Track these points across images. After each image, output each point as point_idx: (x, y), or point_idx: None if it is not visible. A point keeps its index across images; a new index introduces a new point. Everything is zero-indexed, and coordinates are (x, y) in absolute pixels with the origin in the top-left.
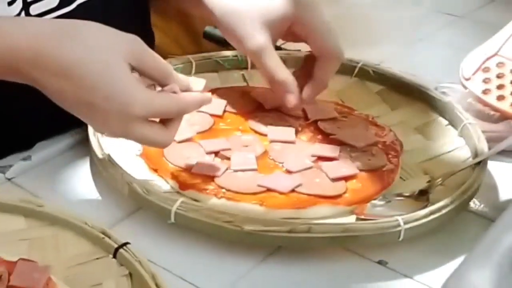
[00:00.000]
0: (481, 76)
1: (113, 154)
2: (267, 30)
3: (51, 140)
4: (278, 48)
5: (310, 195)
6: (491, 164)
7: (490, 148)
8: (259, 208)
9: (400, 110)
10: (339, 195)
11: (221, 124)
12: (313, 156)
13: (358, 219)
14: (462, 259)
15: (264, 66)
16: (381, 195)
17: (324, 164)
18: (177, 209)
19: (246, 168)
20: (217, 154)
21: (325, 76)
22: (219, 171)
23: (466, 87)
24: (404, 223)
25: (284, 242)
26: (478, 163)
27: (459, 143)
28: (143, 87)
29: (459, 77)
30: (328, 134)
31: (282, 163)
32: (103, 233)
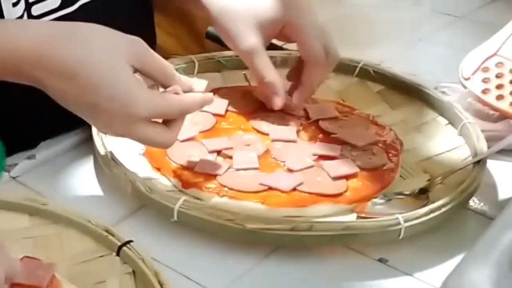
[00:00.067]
0: (480, 76)
1: (116, 153)
2: (259, 32)
3: (55, 139)
4: (279, 48)
5: (311, 194)
6: (490, 163)
7: (489, 147)
8: (261, 206)
9: (400, 110)
10: (340, 194)
11: (223, 124)
12: (314, 155)
13: (359, 217)
14: (462, 257)
15: (254, 67)
16: (381, 193)
17: (325, 163)
18: (179, 207)
19: (248, 167)
20: (219, 153)
21: (311, 82)
22: (221, 169)
23: (465, 87)
24: (404, 221)
25: (285, 240)
26: (478, 162)
27: (458, 142)
28: (146, 88)
29: (458, 77)
30: (329, 133)
31: (284, 162)
32: (106, 231)
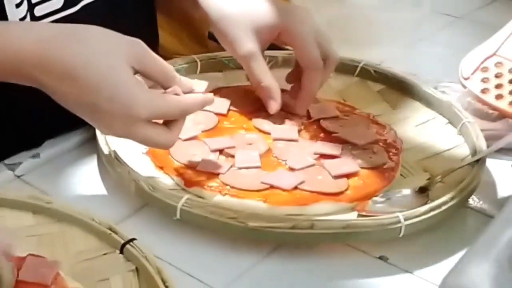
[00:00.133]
0: (480, 75)
1: (120, 152)
2: (256, 37)
3: (59, 138)
4: (281, 48)
5: (313, 192)
6: (489, 161)
7: (488, 146)
8: (263, 204)
9: (400, 109)
10: (341, 192)
11: (225, 123)
12: (315, 154)
13: (360, 215)
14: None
15: (251, 71)
16: (382, 192)
17: (326, 161)
18: (182, 205)
19: (250, 166)
20: (221, 152)
21: (311, 87)
22: (223, 168)
23: (465, 87)
24: (405, 220)
25: (287, 238)
26: (477, 160)
27: (458, 141)
28: (146, 89)
29: (458, 76)
30: (330, 133)
31: (285, 160)
32: (110, 229)
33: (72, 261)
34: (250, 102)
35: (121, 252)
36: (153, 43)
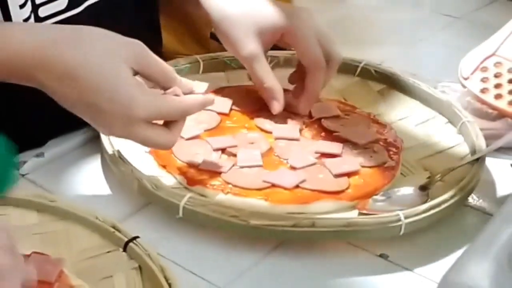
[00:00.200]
0: (479, 75)
1: (123, 151)
2: (259, 38)
3: (63, 138)
4: (283, 48)
5: (314, 191)
6: (489, 160)
7: (488, 145)
8: (265, 203)
9: (400, 108)
10: (342, 191)
11: (227, 122)
12: (316, 152)
13: (360, 213)
14: (461, 252)
15: (253, 72)
16: (382, 190)
17: (328, 160)
18: (185, 204)
19: (252, 165)
20: (224, 151)
21: (314, 87)
22: (225, 167)
23: (464, 86)
24: (405, 218)
25: (288, 236)
26: (477, 159)
27: (458, 140)
28: (146, 90)
29: (458, 76)
30: (331, 132)
31: (287, 159)
32: (113, 227)
33: (75, 258)
34: (252, 102)
35: (124, 250)
36: (156, 43)
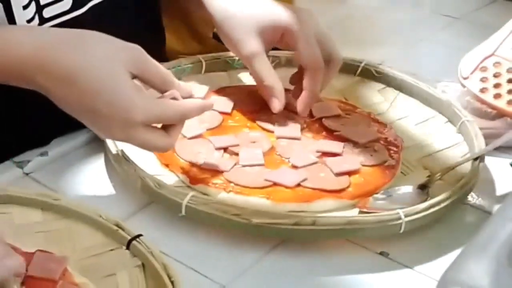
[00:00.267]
0: (478, 75)
1: (126, 150)
2: (260, 38)
3: (67, 137)
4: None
5: (315, 189)
6: (488, 159)
7: (487, 144)
8: (266, 201)
9: (400, 108)
10: (343, 189)
11: (229, 121)
12: (318, 151)
13: (361, 212)
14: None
15: (254, 71)
16: (382, 189)
17: (329, 159)
18: (187, 202)
19: (254, 163)
20: (226, 150)
21: (313, 88)
22: (227, 166)
23: (464, 86)
24: (405, 216)
25: (290, 234)
26: (476, 158)
27: (457, 139)
28: (145, 94)
29: (457, 76)
30: (332, 131)
31: (288, 158)
32: (116, 225)
33: (79, 256)
34: (254, 101)
35: (127, 248)
36: (159, 43)
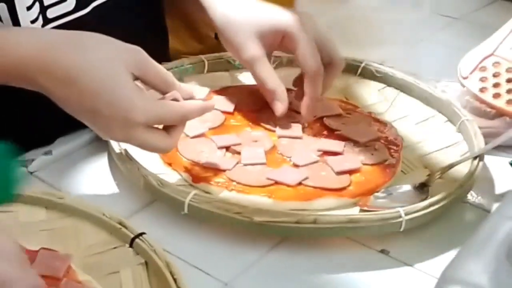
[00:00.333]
0: (478, 75)
1: (129, 149)
2: (261, 42)
3: (71, 136)
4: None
5: (316, 188)
6: (487, 158)
7: (486, 143)
8: (268, 200)
9: (401, 107)
10: (344, 188)
11: (232, 121)
12: (319, 150)
13: (362, 210)
14: (460, 248)
15: (256, 75)
16: (383, 187)
17: (330, 158)
18: (190, 201)
19: (256, 162)
20: (228, 149)
21: (313, 91)
22: (230, 165)
23: (464, 86)
24: (405, 214)
25: (291, 232)
26: (475, 157)
27: (457, 138)
28: (145, 95)
29: (457, 76)
30: (333, 130)
31: (290, 157)
32: (120, 223)
33: (83, 254)
34: (256, 101)
35: (130, 246)
36: (162, 44)
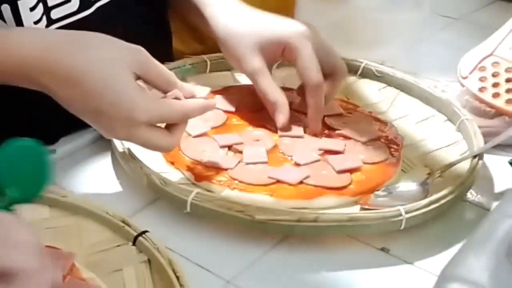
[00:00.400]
0: (477, 74)
1: (132, 148)
2: (262, 54)
3: (75, 135)
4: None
5: (317, 186)
6: (486, 157)
7: (486, 143)
8: (270, 198)
9: (401, 107)
10: (345, 187)
11: (234, 120)
12: (320, 149)
13: (362, 209)
14: (460, 246)
15: (258, 87)
16: (383, 186)
17: (331, 157)
18: (192, 199)
19: (257, 161)
20: (230, 148)
21: (315, 104)
22: (232, 164)
23: (463, 85)
24: (405, 213)
25: (292, 231)
26: (475, 156)
27: (457, 137)
28: (147, 94)
29: (457, 75)
30: (334, 129)
31: (291, 156)
32: (123, 222)
33: (86, 252)
34: (258, 100)
35: (133, 244)
36: (166, 44)
